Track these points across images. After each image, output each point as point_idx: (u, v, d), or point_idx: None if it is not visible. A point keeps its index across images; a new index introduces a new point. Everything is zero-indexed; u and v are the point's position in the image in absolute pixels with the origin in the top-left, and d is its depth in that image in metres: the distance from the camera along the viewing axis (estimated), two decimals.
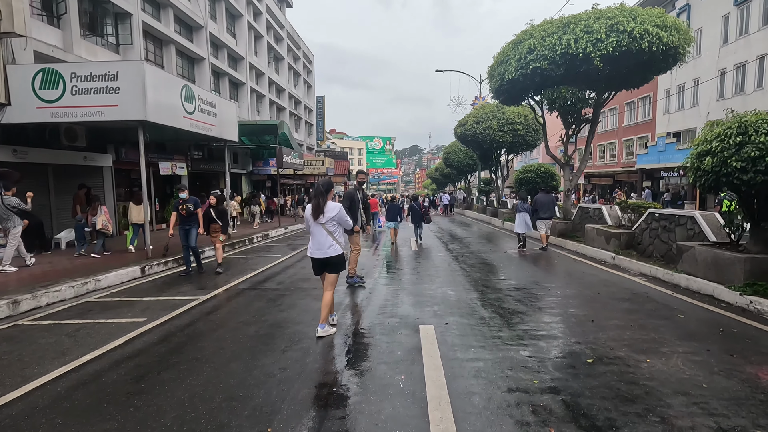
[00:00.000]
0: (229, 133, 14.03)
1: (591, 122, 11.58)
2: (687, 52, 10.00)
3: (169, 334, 4.63)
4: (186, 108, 11.14)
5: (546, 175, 15.13)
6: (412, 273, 7.89)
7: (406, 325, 4.77)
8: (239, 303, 5.92)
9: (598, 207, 10.46)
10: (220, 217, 8.16)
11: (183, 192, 8.26)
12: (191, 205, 8.02)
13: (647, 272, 7.13)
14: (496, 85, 11.49)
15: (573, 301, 5.65)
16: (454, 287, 6.62)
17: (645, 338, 4.16)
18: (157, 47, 16.81)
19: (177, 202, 8.10)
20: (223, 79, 22.46)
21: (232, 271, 8.57)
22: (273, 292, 6.53)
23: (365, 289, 6.70)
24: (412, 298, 6.03)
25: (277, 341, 4.30)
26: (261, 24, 27.87)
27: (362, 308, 5.54)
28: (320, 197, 4.59)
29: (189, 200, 8.06)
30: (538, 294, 6.06)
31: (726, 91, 24.16)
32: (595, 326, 4.56)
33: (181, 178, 19.61)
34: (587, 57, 9.44)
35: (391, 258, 9.82)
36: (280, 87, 32.16)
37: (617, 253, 8.29)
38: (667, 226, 7.39)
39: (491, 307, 5.39)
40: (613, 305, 5.41)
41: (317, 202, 4.59)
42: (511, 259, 9.30)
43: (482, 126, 18.66)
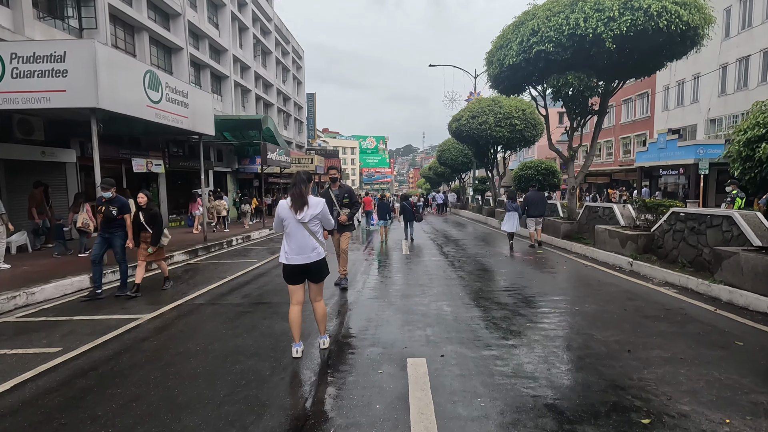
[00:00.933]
0: (204, 127, 12.85)
1: (598, 113, 10.60)
2: (706, 34, 9.05)
3: (77, 373, 3.51)
4: (150, 96, 9.96)
5: (547, 172, 14.16)
6: (402, 282, 6.82)
7: (390, 357, 3.70)
8: (188, 324, 4.81)
9: (608, 206, 9.48)
10: (151, 222, 6.29)
11: (107, 190, 6.15)
12: (115, 208, 6.13)
13: (675, 281, 6.12)
14: (495, 71, 10.46)
15: (597, 321, 4.61)
16: (450, 301, 5.56)
17: (708, 380, 3.13)
18: (128, 34, 15.56)
19: (99, 200, 6.26)
20: (205, 71, 21.22)
21: (196, 279, 7.46)
22: (234, 309, 5.42)
23: (347, 302, 5.63)
24: (401, 316, 4.96)
25: (218, 386, 3.21)
26: (246, 15, 26.62)
27: (337, 330, 4.46)
28: (302, 185, 3.66)
29: (114, 201, 6.14)
30: (552, 311, 5.02)
31: (728, 87, 23.42)
32: (635, 359, 3.53)
33: (158, 176, 18.41)
34: (598, 38, 8.44)
35: (380, 262, 8.75)
36: (268, 82, 30.92)
37: (635, 258, 7.29)
38: (696, 228, 6.40)
39: (498, 331, 4.34)
40: (648, 326, 4.38)
41: (299, 191, 3.63)
42: (513, 265, 8.27)
43: (478, 121, 17.65)
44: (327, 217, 3.83)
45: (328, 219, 3.86)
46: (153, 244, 6.32)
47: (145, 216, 6.30)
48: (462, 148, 28.16)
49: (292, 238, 3.69)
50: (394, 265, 8.54)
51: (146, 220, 6.29)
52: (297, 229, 3.67)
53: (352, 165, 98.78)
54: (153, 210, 6.38)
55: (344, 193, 6.52)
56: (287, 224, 3.70)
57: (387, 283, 6.78)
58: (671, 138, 23.25)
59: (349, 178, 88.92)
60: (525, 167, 14.56)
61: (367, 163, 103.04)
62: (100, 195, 6.23)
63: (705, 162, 19.38)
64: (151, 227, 6.31)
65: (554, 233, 11.02)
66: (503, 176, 21.32)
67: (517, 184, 14.83)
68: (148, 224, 6.30)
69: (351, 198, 6.54)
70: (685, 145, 22.07)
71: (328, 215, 3.85)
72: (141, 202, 6.30)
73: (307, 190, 3.69)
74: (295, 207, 3.63)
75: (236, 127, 19.52)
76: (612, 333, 4.18)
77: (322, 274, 3.80)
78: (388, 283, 6.84)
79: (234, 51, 24.36)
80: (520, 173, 14.69)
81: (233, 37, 24.64)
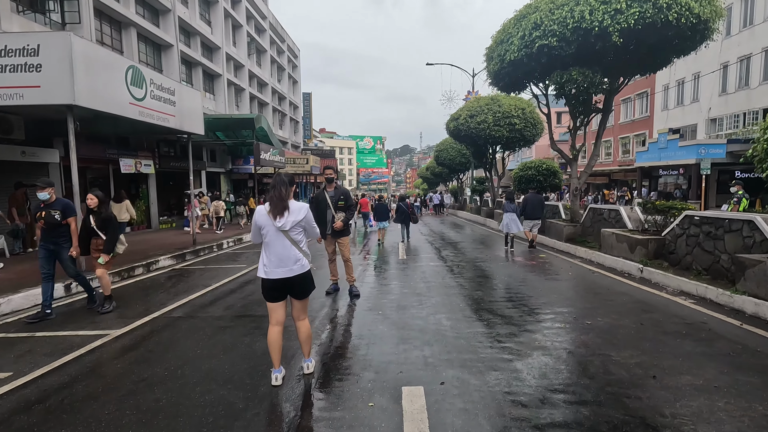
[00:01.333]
0: (193, 126, 12.35)
1: (603, 112, 10.18)
2: (716, 28, 8.66)
3: (20, 407, 3.04)
4: (133, 93, 9.47)
5: (548, 172, 13.73)
6: (398, 291, 6.37)
7: (383, 385, 3.24)
8: (160, 343, 4.34)
9: (614, 208, 9.05)
10: (103, 227, 5.47)
11: (43, 190, 5.24)
12: (58, 212, 5.26)
13: (691, 291, 5.69)
14: (495, 68, 10.02)
15: (612, 338, 4.17)
16: (450, 313, 5.11)
17: (752, 416, 2.68)
18: (114, 30, 15.03)
19: (37, 205, 5.38)
20: (196, 69, 20.70)
21: (179, 288, 6.98)
22: (214, 323, 4.95)
23: (337, 314, 5.17)
24: (396, 331, 4.50)
25: (180, 424, 2.74)
26: (240, 13, 26.11)
27: (325, 350, 4.00)
28: (282, 187, 3.19)
29: (55, 204, 5.29)
30: (562, 326, 4.57)
31: (729, 86, 23.12)
32: (663, 387, 3.08)
33: (148, 177, 17.88)
34: (604, 32, 8.02)
35: (375, 268, 8.29)
36: (262, 81, 30.40)
37: (645, 264, 6.87)
38: (713, 233, 5.98)
39: (504, 351, 3.89)
40: (670, 345, 3.94)
41: (279, 194, 3.17)
42: (515, 270, 7.83)
43: (476, 120, 17.21)
44: (311, 225, 3.37)
45: (313, 227, 3.40)
46: (106, 251, 5.42)
47: (96, 220, 5.48)
48: (460, 148, 27.76)
49: (272, 248, 3.23)
50: (390, 271, 8.08)
51: (98, 225, 5.48)
52: (277, 238, 3.21)
53: (349, 165, 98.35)
54: (106, 213, 5.57)
55: (340, 195, 6.07)
56: (265, 233, 3.24)
57: (382, 292, 6.32)
58: (672, 138, 22.91)
59: (346, 179, 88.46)
60: (525, 167, 14.13)
61: (365, 163, 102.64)
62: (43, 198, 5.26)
63: (707, 162, 19.03)
64: (103, 232, 5.48)
65: (557, 236, 10.59)
66: (502, 176, 20.90)
67: (517, 185, 14.40)
68: (101, 229, 5.49)
69: (347, 201, 6.09)
70: (687, 145, 21.73)
71: (313, 223, 3.39)
72: (91, 204, 5.45)
73: (288, 193, 3.23)
74: (274, 212, 3.18)
75: (228, 126, 19.04)
76: (632, 353, 3.74)
77: (306, 288, 3.35)
78: (383, 291, 6.39)
79: (227, 49, 23.84)
80: (520, 173, 14.25)
81: (226, 35, 24.12)
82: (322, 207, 6.06)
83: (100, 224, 5.49)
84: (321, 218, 6.08)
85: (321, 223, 6.08)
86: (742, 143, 20.41)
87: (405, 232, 12.88)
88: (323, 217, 6.06)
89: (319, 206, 6.09)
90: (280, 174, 3.28)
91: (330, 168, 6.22)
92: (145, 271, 8.63)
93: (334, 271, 6.38)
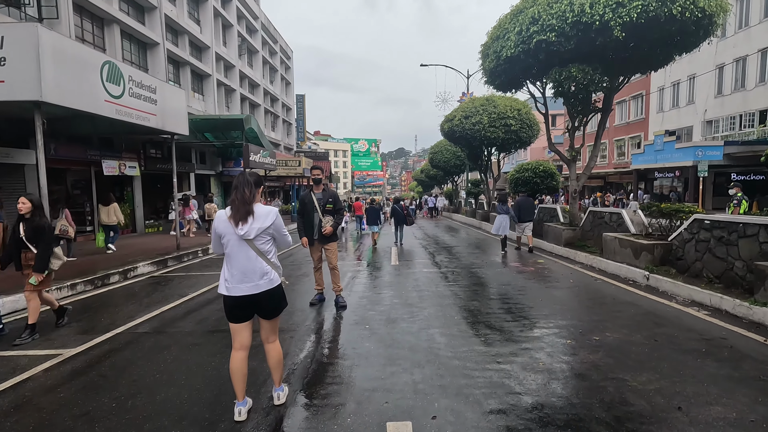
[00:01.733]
0: (176, 125, 11.84)
1: (602, 111, 9.80)
2: (720, 24, 8.32)
3: None
4: (109, 90, 8.97)
5: (545, 174, 13.35)
6: (388, 301, 5.90)
7: (365, 420, 2.77)
8: (116, 365, 3.83)
9: (616, 211, 8.65)
10: (34, 238, 4.51)
11: None
12: None
13: (704, 301, 5.27)
14: (490, 65, 9.62)
15: (626, 358, 3.72)
16: (444, 327, 4.65)
17: None
18: (97, 26, 14.47)
19: None
20: (184, 68, 20.15)
21: (153, 297, 6.47)
22: (183, 340, 4.46)
23: (321, 329, 4.69)
24: (384, 350, 4.03)
25: None
26: (231, 12, 25.61)
27: (302, 373, 3.52)
28: (246, 188, 2.71)
29: None
30: (568, 342, 4.13)
31: (725, 87, 22.96)
32: (691, 422, 2.64)
33: (133, 180, 17.29)
34: (605, 26, 7.64)
35: (366, 275, 7.81)
36: (254, 82, 29.88)
37: (651, 270, 6.45)
38: (725, 238, 5.57)
39: (505, 375, 3.42)
40: (691, 366, 3.51)
41: (242, 196, 2.70)
42: (513, 278, 7.39)
43: (471, 121, 16.82)
44: (281, 233, 2.90)
45: (283, 235, 2.93)
46: (37, 269, 4.43)
47: (26, 229, 4.52)
48: (455, 150, 27.41)
49: (234, 260, 2.76)
50: (381, 278, 7.61)
51: (27, 236, 4.51)
52: (240, 249, 2.74)
53: (344, 168, 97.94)
54: (39, 222, 4.57)
55: (328, 197, 5.59)
56: (227, 242, 2.77)
57: (371, 303, 5.85)
58: (669, 140, 22.69)
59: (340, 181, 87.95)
60: (522, 169, 13.73)
61: (359, 166, 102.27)
62: None
63: (704, 164, 18.77)
64: (33, 245, 4.51)
65: (555, 240, 10.18)
66: (498, 179, 20.52)
67: (513, 187, 14.00)
68: (31, 241, 4.51)
69: (335, 204, 5.62)
70: (684, 147, 21.49)
71: (283, 230, 2.92)
72: (23, 209, 4.51)
73: (254, 196, 2.76)
74: (236, 218, 2.71)
75: (217, 127, 18.50)
76: (649, 377, 3.29)
77: (276, 307, 2.88)
78: (372, 302, 5.91)
79: (217, 48, 23.32)
80: (516, 175, 13.85)
81: (216, 34, 23.60)
82: (309, 210, 5.59)
83: (31, 234, 4.51)
84: (307, 222, 5.62)
85: (307, 228, 5.63)
86: (739, 145, 20.22)
87: (399, 235, 12.78)
88: (310, 221, 5.60)
89: (305, 209, 5.63)
90: (244, 173, 2.81)
91: (317, 168, 5.74)
92: (121, 279, 8.10)
93: (319, 280, 5.90)
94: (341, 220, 5.74)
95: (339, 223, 5.65)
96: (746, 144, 20.15)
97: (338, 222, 5.63)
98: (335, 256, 5.73)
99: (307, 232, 5.62)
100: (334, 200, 5.62)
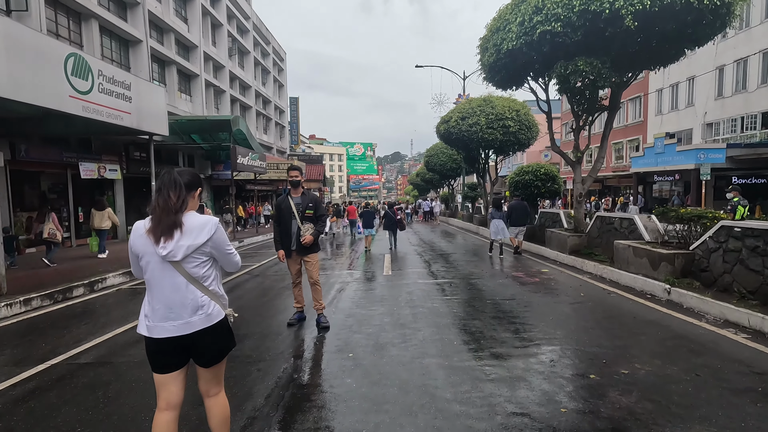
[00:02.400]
0: (154, 125, 11.09)
1: (609, 109, 9.16)
2: (737, 15, 7.74)
3: None
4: (75, 85, 8.21)
5: (546, 177, 12.70)
6: (378, 321, 5.16)
7: None
8: (32, 412, 3.07)
9: (628, 217, 7.98)
10: None
11: None
12: None
13: (741, 321, 4.58)
14: (490, 59, 8.96)
15: (666, 400, 3.01)
16: (442, 358, 3.92)
17: None
18: (73, 21, 13.70)
19: None
20: (170, 68, 19.39)
21: (111, 316, 5.71)
22: (128, 374, 3.70)
23: (293, 360, 3.94)
24: (368, 389, 3.30)
25: None
26: (220, 11, 24.91)
27: (261, 427, 2.77)
28: (172, 191, 2.00)
29: None
30: (595, 379, 3.41)
31: (725, 89, 22.52)
32: None
33: (114, 183, 16.46)
34: (615, 15, 7.01)
35: (355, 288, 7.07)
36: (245, 83, 29.15)
37: (672, 283, 5.77)
38: (761, 248, 4.90)
39: (528, 429, 2.70)
40: (752, 414, 2.80)
41: (164, 203, 1.98)
42: (518, 291, 6.68)
43: (468, 122, 16.17)
44: (224, 251, 2.15)
45: (228, 254, 2.17)
46: None
47: None
48: (451, 153, 26.78)
49: (156, 289, 2.03)
50: (372, 291, 6.88)
51: None
52: (163, 274, 2.01)
53: (340, 172, 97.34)
54: None
55: (308, 202, 4.86)
56: (146, 264, 2.04)
57: (358, 322, 5.11)
58: (669, 142, 22.17)
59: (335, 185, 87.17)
60: (522, 172, 13.08)
61: (355, 170, 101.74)
62: None
63: (707, 167, 18.25)
64: None
65: (560, 248, 9.50)
66: (495, 182, 19.89)
67: (513, 191, 13.34)
68: None
69: (317, 210, 4.89)
70: (685, 150, 20.97)
71: (227, 248, 2.16)
72: None
73: (184, 202, 2.03)
74: (156, 232, 1.97)
75: (204, 128, 17.74)
76: (703, 430, 2.58)
77: (218, 350, 2.13)
78: (360, 321, 5.17)
79: (205, 48, 22.59)
80: (516, 178, 13.19)
81: (204, 33, 22.88)
82: (286, 217, 4.87)
83: None
84: (284, 231, 4.90)
85: (284, 237, 4.90)
86: (742, 148, 19.73)
87: (392, 240, 12.45)
88: (287, 230, 4.87)
89: (281, 216, 4.90)
90: (171, 171, 2.08)
91: (295, 169, 5.01)
92: (86, 292, 7.34)
93: (298, 297, 5.16)
94: (323, 228, 5.01)
95: (321, 232, 4.93)
96: (749, 147, 19.67)
97: (320, 230, 4.90)
98: (316, 269, 5.00)
99: (283, 243, 4.89)
100: (315, 205, 4.90)
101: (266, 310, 5.91)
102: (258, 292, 7.14)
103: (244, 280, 8.19)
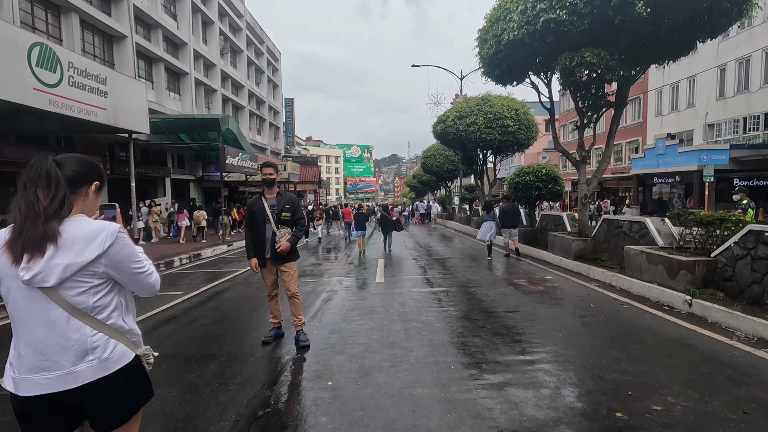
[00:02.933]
0: (133, 122, 10.47)
1: (616, 106, 8.62)
2: (756, 4, 7.25)
3: None
4: (41, 77, 7.59)
5: (548, 178, 12.14)
6: (365, 337, 4.55)
7: None
8: None
9: (639, 220, 7.40)
10: None
11: None
12: None
13: None
14: (489, 51, 8.40)
15: None
16: (438, 387, 3.31)
17: None
18: (51, 14, 13.05)
19: None
20: (158, 65, 18.74)
21: None
22: None
23: (257, 390, 3.32)
24: (347, 428, 2.69)
25: None
26: (212, 8, 24.29)
27: None
28: (40, 189, 1.39)
29: None
30: (622, 417, 2.81)
31: (727, 89, 22.09)
32: None
33: None
34: (625, 1, 6.46)
35: (342, 298, 6.45)
36: (238, 83, 28.51)
37: (693, 294, 5.19)
38: None
39: None
40: None
41: (29, 206, 1.37)
42: (522, 301, 6.09)
43: (466, 122, 15.61)
44: (130, 269, 1.52)
45: (137, 273, 1.55)
46: None
47: None
48: (448, 154, 26.24)
49: (20, 326, 1.43)
50: (361, 302, 6.27)
51: None
52: (30, 306, 1.40)
53: (337, 174, 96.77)
54: None
55: (284, 204, 4.25)
56: (6, 291, 1.43)
57: (343, 340, 4.50)
58: (671, 143, 21.70)
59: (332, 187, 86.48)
60: (522, 172, 12.52)
61: (352, 172, 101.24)
62: None
63: (710, 168, 17.75)
64: None
65: (564, 253, 8.92)
66: (493, 184, 19.34)
67: (513, 192, 12.79)
68: None
69: (294, 213, 4.28)
70: (687, 151, 20.50)
71: (135, 265, 1.54)
72: None
73: (62, 203, 1.41)
74: (14, 248, 1.36)
75: (192, 127, 17.11)
76: None
77: (123, 409, 1.51)
78: (344, 338, 4.56)
79: (195, 46, 21.96)
80: (517, 179, 12.63)
81: (194, 31, 22.25)
82: (259, 220, 4.25)
83: None
84: (257, 236, 4.28)
85: (257, 244, 4.29)
86: (745, 149, 19.28)
87: (387, 242, 12.33)
88: (260, 235, 4.26)
89: (254, 219, 4.28)
90: (44, 158, 1.46)
91: (269, 166, 4.38)
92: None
93: (275, 312, 4.54)
94: (302, 234, 4.40)
95: (299, 237, 4.32)
96: (752, 148, 19.23)
97: (298, 235, 4.30)
98: (295, 280, 4.39)
99: (256, 250, 4.28)
100: (293, 207, 4.29)
101: (242, 324, 5.29)
102: (237, 302, 6.52)
103: (224, 288, 7.57)
